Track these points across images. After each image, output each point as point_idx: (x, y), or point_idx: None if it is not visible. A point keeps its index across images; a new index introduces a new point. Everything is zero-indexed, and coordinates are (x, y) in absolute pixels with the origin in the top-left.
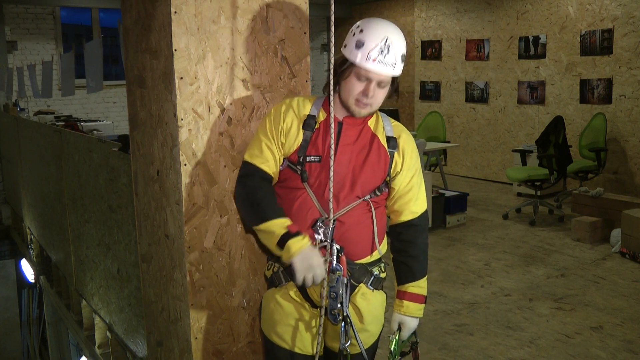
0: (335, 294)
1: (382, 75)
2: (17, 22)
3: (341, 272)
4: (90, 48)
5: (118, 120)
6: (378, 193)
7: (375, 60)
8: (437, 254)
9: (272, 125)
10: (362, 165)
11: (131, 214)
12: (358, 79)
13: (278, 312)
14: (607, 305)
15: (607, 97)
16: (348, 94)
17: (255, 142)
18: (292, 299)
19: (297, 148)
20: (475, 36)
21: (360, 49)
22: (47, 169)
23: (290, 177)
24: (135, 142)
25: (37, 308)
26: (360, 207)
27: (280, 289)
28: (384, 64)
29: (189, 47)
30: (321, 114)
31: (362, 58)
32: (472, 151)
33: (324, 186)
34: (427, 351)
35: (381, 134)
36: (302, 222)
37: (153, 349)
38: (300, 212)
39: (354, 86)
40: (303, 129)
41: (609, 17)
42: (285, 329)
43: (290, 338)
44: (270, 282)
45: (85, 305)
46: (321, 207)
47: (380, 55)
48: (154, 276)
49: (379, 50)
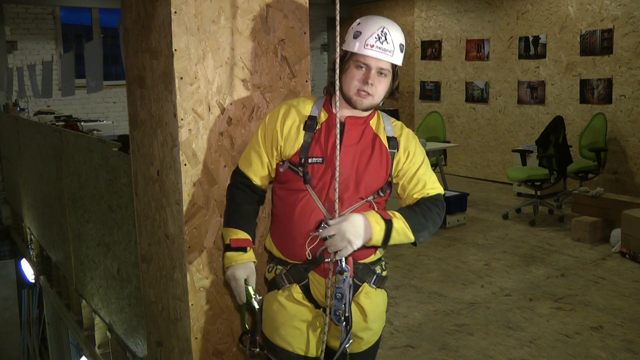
0: (341, 295)
1: (381, 61)
2: (17, 22)
3: (348, 273)
4: (90, 48)
5: (118, 120)
6: (381, 194)
7: (373, 46)
8: (437, 254)
9: (265, 131)
10: (366, 166)
11: (131, 214)
12: (357, 68)
13: (282, 314)
14: (607, 305)
15: (607, 97)
16: (349, 85)
17: (247, 147)
18: (295, 300)
19: (298, 149)
20: (475, 36)
21: (357, 39)
22: (47, 169)
23: (291, 178)
24: (135, 142)
25: (37, 308)
26: (363, 207)
27: (284, 291)
28: (382, 50)
29: (189, 47)
30: (322, 115)
31: (359, 46)
32: (472, 151)
33: (327, 187)
34: (427, 351)
35: (382, 134)
36: (306, 224)
37: (153, 349)
38: (303, 214)
39: (354, 76)
40: (304, 130)
41: (609, 17)
42: (289, 330)
43: (294, 340)
44: (272, 285)
45: (85, 305)
46: (324, 209)
47: (377, 42)
48: (154, 276)
49: (375, 37)
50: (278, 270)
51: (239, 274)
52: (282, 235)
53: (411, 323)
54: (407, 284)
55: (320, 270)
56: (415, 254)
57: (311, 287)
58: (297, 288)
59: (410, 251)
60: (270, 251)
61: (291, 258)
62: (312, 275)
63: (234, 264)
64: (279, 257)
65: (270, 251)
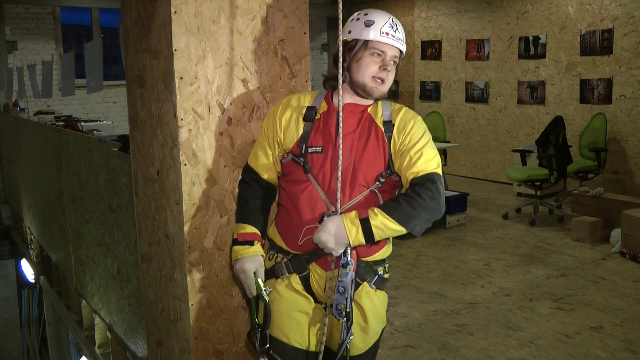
0: (343, 289)
1: (396, 48)
2: (17, 22)
3: (352, 267)
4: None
5: (118, 120)
6: (382, 180)
7: (389, 34)
8: (437, 254)
9: (268, 125)
10: (362, 153)
11: (131, 214)
12: (373, 56)
13: (279, 303)
14: (607, 305)
15: (607, 97)
16: (364, 72)
17: (255, 144)
18: (294, 290)
19: (297, 140)
20: (475, 36)
21: (371, 27)
22: (47, 169)
23: (293, 169)
24: (135, 142)
25: (37, 308)
26: (367, 199)
27: (283, 280)
28: (397, 39)
29: (189, 47)
30: (322, 106)
31: (375, 34)
32: (472, 151)
33: (329, 177)
34: (427, 351)
35: (379, 120)
36: (310, 215)
37: (153, 349)
38: (307, 205)
39: (369, 64)
40: (304, 121)
41: (609, 17)
42: (286, 321)
43: (290, 332)
44: (270, 273)
45: (85, 305)
46: (327, 200)
47: (392, 29)
48: (154, 276)
49: (389, 25)
50: (278, 258)
51: (248, 266)
52: (286, 224)
53: (411, 323)
54: (407, 284)
55: (322, 262)
56: (415, 254)
57: (311, 279)
58: (296, 278)
59: (410, 251)
60: (272, 239)
61: (293, 248)
62: (313, 267)
63: (240, 257)
64: (280, 245)
65: (273, 239)
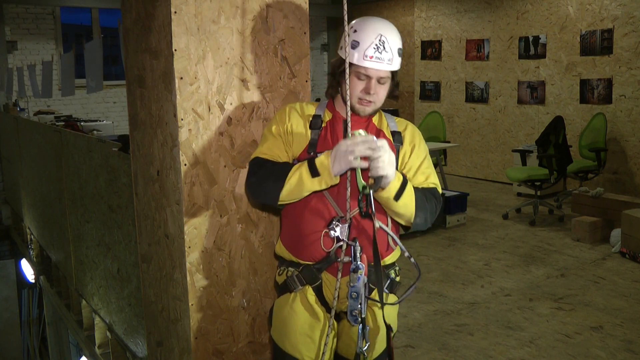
0: (356, 294)
1: (381, 71)
2: (17, 22)
3: (362, 271)
4: (90, 48)
5: (118, 120)
6: None
7: (372, 57)
8: (437, 254)
9: (278, 125)
10: None
11: (131, 214)
12: (358, 78)
13: (292, 320)
14: (607, 305)
15: (607, 97)
16: (351, 93)
17: (263, 141)
18: (308, 304)
19: (306, 147)
20: (475, 36)
21: (356, 49)
22: (47, 169)
23: None
24: (135, 142)
25: (37, 308)
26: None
27: (296, 295)
28: (381, 61)
29: (189, 47)
30: (326, 114)
31: (359, 57)
32: (472, 151)
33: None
34: (427, 351)
35: (386, 129)
36: (318, 222)
37: (153, 349)
38: (315, 212)
39: (355, 86)
40: (310, 129)
41: (609, 17)
42: (300, 338)
43: (304, 348)
44: (284, 288)
45: (85, 305)
46: (336, 206)
47: (376, 52)
48: (154, 276)
49: (374, 47)
50: (289, 272)
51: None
52: (293, 235)
53: (411, 323)
54: (407, 284)
55: (333, 270)
56: (415, 254)
57: (324, 288)
58: (309, 290)
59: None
60: (281, 256)
61: (303, 259)
62: (325, 275)
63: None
64: (290, 259)
65: (282, 256)
